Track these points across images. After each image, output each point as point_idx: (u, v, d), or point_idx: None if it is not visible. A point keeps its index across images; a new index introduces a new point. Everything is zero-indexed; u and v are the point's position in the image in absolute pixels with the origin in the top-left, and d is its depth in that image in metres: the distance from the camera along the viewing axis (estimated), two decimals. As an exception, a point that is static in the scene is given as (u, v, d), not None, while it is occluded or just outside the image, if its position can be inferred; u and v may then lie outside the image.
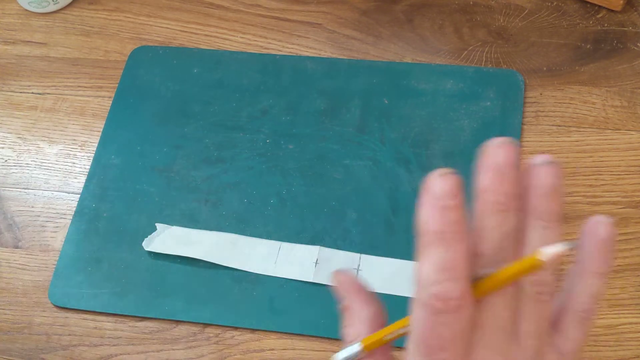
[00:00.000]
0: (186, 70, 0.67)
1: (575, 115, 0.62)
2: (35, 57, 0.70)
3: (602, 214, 0.31)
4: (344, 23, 0.69)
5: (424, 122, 0.62)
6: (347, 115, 0.63)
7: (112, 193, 0.61)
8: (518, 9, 0.68)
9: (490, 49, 0.66)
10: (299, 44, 0.68)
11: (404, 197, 0.58)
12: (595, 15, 0.67)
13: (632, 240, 0.56)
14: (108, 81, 0.68)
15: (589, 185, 0.58)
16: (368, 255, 0.56)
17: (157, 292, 0.56)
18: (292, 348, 0.53)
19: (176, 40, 0.70)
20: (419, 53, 0.67)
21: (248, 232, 0.58)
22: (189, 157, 0.62)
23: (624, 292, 0.53)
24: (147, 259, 0.58)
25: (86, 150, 0.64)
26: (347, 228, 0.57)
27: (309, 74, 0.66)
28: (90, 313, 0.56)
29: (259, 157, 0.62)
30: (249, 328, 0.54)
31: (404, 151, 0.61)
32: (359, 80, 0.65)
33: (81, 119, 0.66)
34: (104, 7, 0.73)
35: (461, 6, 0.69)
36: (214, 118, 0.64)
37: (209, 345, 0.54)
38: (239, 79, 0.66)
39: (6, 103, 0.68)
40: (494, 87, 0.63)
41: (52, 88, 0.68)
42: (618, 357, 0.51)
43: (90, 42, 0.71)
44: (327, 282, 0.55)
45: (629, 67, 0.64)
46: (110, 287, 0.57)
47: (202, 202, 0.60)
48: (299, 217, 0.58)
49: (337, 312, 0.54)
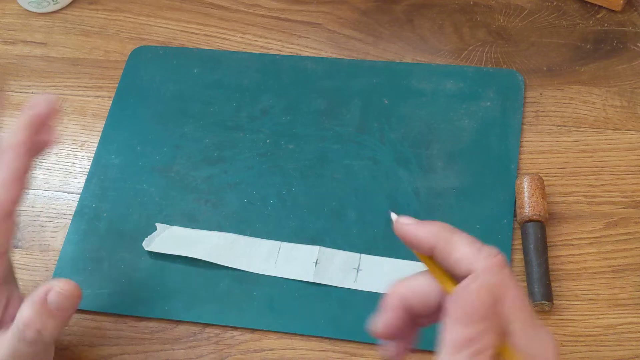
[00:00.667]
0: (186, 70, 0.67)
1: (575, 115, 0.62)
2: (35, 57, 0.70)
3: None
4: (344, 23, 0.69)
5: (424, 122, 0.62)
6: (347, 115, 0.63)
7: (112, 193, 0.61)
8: (518, 9, 0.68)
9: (490, 49, 0.66)
10: (299, 44, 0.68)
11: (404, 197, 0.58)
12: (595, 15, 0.67)
13: (632, 240, 0.56)
14: (108, 81, 0.68)
15: (589, 185, 0.58)
16: (368, 255, 0.56)
17: (157, 292, 0.56)
18: (292, 348, 0.53)
19: (176, 40, 0.70)
20: (419, 53, 0.67)
21: (248, 232, 0.58)
22: (189, 157, 0.62)
23: (624, 292, 0.53)
24: (147, 259, 0.58)
25: (86, 150, 0.64)
26: (347, 228, 0.57)
27: (309, 74, 0.66)
28: (90, 313, 0.56)
29: (259, 157, 0.62)
30: (249, 328, 0.54)
31: (404, 151, 0.61)
32: (359, 80, 0.65)
33: (81, 119, 0.66)
34: (104, 7, 0.73)
35: (461, 6, 0.69)
36: (214, 118, 0.64)
37: (209, 345, 0.54)
38: (239, 79, 0.66)
39: (6, 103, 0.68)
40: (494, 87, 0.63)
41: (52, 88, 0.68)
42: (618, 357, 0.51)
43: (90, 42, 0.71)
44: (327, 282, 0.55)
45: (629, 67, 0.64)
46: (110, 287, 0.57)
47: (202, 202, 0.60)
48: (299, 217, 0.58)
49: (337, 312, 0.54)
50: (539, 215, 0.54)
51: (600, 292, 0.53)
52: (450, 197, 0.58)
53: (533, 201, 0.55)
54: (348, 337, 0.53)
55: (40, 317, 0.45)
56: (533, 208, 0.54)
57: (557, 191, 0.58)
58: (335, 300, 0.55)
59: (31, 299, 0.45)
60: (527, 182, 0.56)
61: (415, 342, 0.41)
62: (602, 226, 0.56)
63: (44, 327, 0.45)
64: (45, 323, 0.45)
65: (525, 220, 0.55)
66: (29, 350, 0.46)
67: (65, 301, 0.45)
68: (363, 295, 0.54)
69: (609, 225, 0.56)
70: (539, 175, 0.56)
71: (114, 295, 0.56)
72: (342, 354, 0.53)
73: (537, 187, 0.55)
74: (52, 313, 0.45)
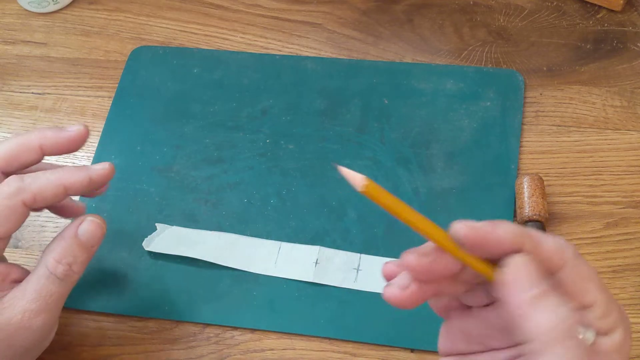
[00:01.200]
0: (186, 70, 0.67)
1: (575, 115, 0.62)
2: (35, 57, 0.70)
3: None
4: (344, 23, 0.69)
5: (424, 122, 0.62)
6: (347, 115, 0.63)
7: (112, 193, 0.61)
8: (518, 9, 0.68)
9: (490, 49, 0.66)
10: (299, 44, 0.68)
11: (404, 197, 0.58)
12: (595, 15, 0.67)
13: (632, 240, 0.56)
14: (108, 81, 0.68)
15: (589, 185, 0.58)
16: (368, 255, 0.56)
17: (157, 292, 0.56)
18: (292, 348, 0.53)
19: (176, 40, 0.70)
20: (419, 53, 0.67)
21: (248, 232, 0.58)
22: (189, 157, 0.62)
23: (624, 292, 0.53)
24: (147, 259, 0.58)
25: (86, 150, 0.64)
26: (347, 228, 0.57)
27: (308, 74, 0.66)
28: (90, 313, 0.56)
29: (259, 157, 0.62)
30: (249, 328, 0.54)
31: (404, 151, 0.61)
32: (359, 80, 0.65)
33: (81, 119, 0.66)
34: (104, 7, 0.73)
35: (461, 6, 0.69)
36: (214, 118, 0.64)
37: (209, 345, 0.54)
38: (239, 79, 0.66)
39: (6, 103, 0.68)
40: (494, 87, 0.63)
41: (52, 88, 0.68)
42: (618, 357, 0.51)
43: (90, 42, 0.71)
44: (327, 282, 0.55)
45: (629, 67, 0.64)
46: (110, 287, 0.57)
47: (202, 202, 0.60)
48: (299, 217, 0.58)
49: (337, 312, 0.54)
50: (539, 215, 0.54)
51: (600, 292, 0.53)
52: (450, 197, 0.58)
53: (533, 201, 0.55)
54: (348, 337, 0.53)
55: (72, 250, 0.48)
56: (533, 208, 0.54)
57: (557, 191, 0.58)
58: (335, 300, 0.55)
59: (60, 236, 0.48)
60: (527, 182, 0.56)
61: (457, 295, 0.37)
62: (602, 226, 0.56)
63: (74, 261, 0.48)
64: (76, 257, 0.48)
65: (525, 220, 0.55)
66: (58, 289, 0.47)
67: (97, 230, 0.48)
68: (363, 295, 0.54)
69: (609, 225, 0.56)
70: (539, 175, 0.56)
71: (114, 295, 0.56)
72: (342, 354, 0.53)
73: (537, 187, 0.55)
74: (83, 245, 0.48)
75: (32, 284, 0.47)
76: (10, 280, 0.48)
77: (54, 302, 0.48)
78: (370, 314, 0.54)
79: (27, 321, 0.46)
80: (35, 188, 0.47)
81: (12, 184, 0.47)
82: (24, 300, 0.47)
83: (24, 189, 0.46)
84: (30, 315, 0.46)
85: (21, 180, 0.47)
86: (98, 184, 0.49)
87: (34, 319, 0.47)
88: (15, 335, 0.46)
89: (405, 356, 0.52)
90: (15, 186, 0.46)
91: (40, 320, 0.47)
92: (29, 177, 0.47)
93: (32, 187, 0.47)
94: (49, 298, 0.47)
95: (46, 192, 0.47)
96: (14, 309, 0.46)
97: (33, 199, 0.47)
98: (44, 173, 0.48)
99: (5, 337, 0.46)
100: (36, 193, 0.47)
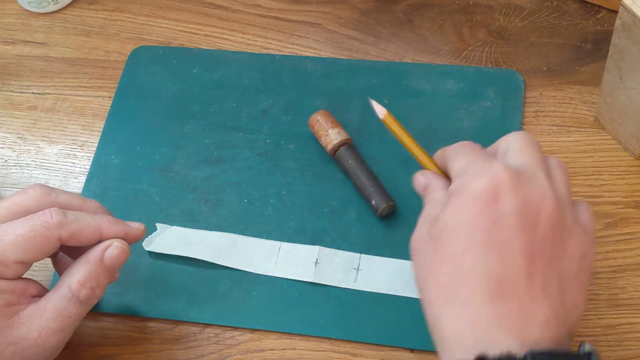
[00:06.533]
0: (186, 70, 0.67)
1: (575, 115, 0.62)
2: (35, 57, 0.70)
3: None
4: (344, 23, 0.69)
5: (424, 122, 0.62)
6: (347, 115, 0.63)
7: (112, 193, 0.61)
8: (518, 9, 0.68)
9: (490, 49, 0.66)
10: (299, 44, 0.68)
11: (404, 197, 0.58)
12: (595, 15, 0.67)
13: (632, 240, 0.56)
14: (108, 81, 0.68)
15: (589, 185, 0.58)
16: (368, 255, 0.56)
17: (157, 292, 0.56)
18: (292, 348, 0.53)
19: (176, 40, 0.70)
20: (419, 53, 0.67)
21: (248, 232, 0.58)
22: (189, 157, 0.62)
23: (624, 292, 0.54)
24: (147, 259, 0.58)
25: (86, 150, 0.64)
26: (347, 228, 0.57)
27: (308, 74, 0.66)
28: (90, 313, 0.56)
29: (259, 157, 0.62)
30: (249, 328, 0.54)
31: (404, 151, 0.60)
32: (359, 80, 0.65)
33: (81, 119, 0.66)
34: (104, 7, 0.73)
35: (461, 6, 0.69)
36: (214, 118, 0.64)
37: (209, 345, 0.54)
38: (239, 79, 0.66)
39: (6, 103, 0.68)
40: (494, 87, 0.63)
41: (52, 88, 0.68)
42: (618, 357, 0.51)
43: (90, 42, 0.71)
44: (327, 282, 0.55)
45: (629, 67, 0.64)
46: (110, 287, 0.56)
47: (202, 202, 0.60)
48: (299, 217, 0.58)
49: (337, 312, 0.54)
50: (539, 215, 0.54)
51: (600, 292, 0.53)
52: (450, 197, 0.58)
53: (533, 201, 0.55)
54: (348, 337, 0.53)
55: (97, 275, 0.48)
56: (533, 208, 0.54)
57: (557, 191, 0.58)
58: (335, 300, 0.55)
59: (86, 259, 0.48)
60: (527, 182, 0.55)
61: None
62: (602, 226, 0.56)
63: (97, 285, 0.48)
64: (100, 281, 0.48)
65: (525, 220, 0.55)
66: (78, 311, 0.48)
67: (122, 256, 0.49)
68: (363, 295, 0.54)
69: (609, 225, 0.56)
70: (539, 175, 0.56)
71: (114, 295, 0.56)
72: (342, 354, 0.53)
73: (537, 187, 0.55)
74: (108, 270, 0.49)
75: (53, 303, 0.47)
76: (28, 295, 0.48)
77: (72, 323, 0.48)
78: (370, 314, 0.54)
79: (42, 339, 0.47)
80: (75, 228, 0.47)
81: (55, 216, 0.47)
82: (43, 319, 0.47)
83: (64, 225, 0.47)
84: (47, 333, 0.47)
85: (64, 215, 0.47)
86: (130, 241, 0.50)
87: (50, 337, 0.47)
88: (28, 351, 0.47)
89: (405, 356, 0.52)
90: (57, 219, 0.47)
91: (55, 340, 0.47)
92: (72, 215, 0.48)
93: (72, 226, 0.47)
94: (67, 319, 0.48)
95: (82, 235, 0.48)
96: (32, 326, 0.47)
97: (69, 237, 0.47)
98: (85, 215, 0.48)
99: (18, 352, 0.46)
100: (74, 233, 0.47)
